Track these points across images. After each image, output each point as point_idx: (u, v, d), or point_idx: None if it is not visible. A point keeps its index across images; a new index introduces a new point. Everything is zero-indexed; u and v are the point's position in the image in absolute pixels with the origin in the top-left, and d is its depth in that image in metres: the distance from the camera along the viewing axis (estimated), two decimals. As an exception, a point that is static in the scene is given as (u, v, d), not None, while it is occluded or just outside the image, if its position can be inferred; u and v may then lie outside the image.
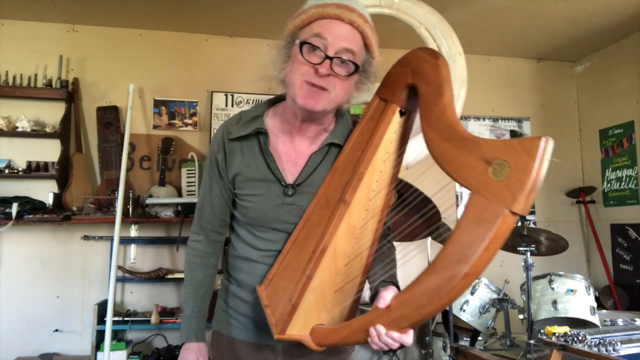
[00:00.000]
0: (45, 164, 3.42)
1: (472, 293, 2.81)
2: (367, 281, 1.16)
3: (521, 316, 2.66)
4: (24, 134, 3.36)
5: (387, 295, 0.96)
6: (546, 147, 0.76)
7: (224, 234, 1.32)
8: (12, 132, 3.34)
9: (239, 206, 1.22)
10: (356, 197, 1.07)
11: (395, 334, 0.91)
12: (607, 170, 4.06)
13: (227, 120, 1.25)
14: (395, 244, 1.31)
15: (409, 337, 0.92)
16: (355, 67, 1.09)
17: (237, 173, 1.19)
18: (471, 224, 0.81)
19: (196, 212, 1.30)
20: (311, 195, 1.16)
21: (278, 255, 1.17)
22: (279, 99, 1.24)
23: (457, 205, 4.05)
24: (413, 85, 1.04)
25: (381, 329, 0.92)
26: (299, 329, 1.06)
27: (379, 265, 1.15)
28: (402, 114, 1.10)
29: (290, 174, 1.18)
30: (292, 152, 1.20)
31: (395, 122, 1.09)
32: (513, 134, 4.25)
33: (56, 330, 3.33)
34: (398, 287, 1.08)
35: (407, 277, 1.20)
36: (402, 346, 0.94)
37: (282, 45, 1.14)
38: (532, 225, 3.41)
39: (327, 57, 1.05)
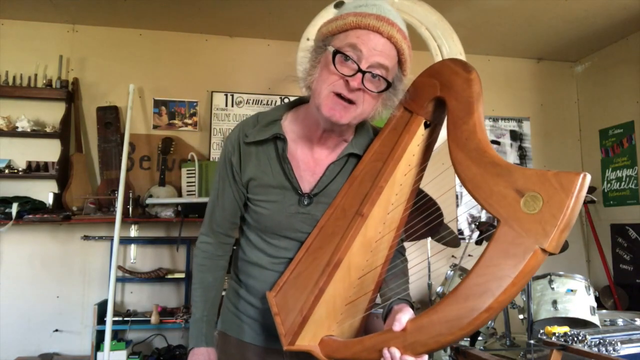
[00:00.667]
0: (45, 164, 3.41)
1: (472, 293, 2.80)
2: (379, 295, 1.15)
3: (521, 316, 2.65)
4: (24, 134, 3.36)
5: (403, 318, 0.92)
6: (583, 184, 0.73)
7: (234, 236, 1.29)
8: (12, 132, 3.33)
9: (252, 211, 1.19)
10: (374, 211, 1.04)
11: (410, 359, 0.89)
12: (607, 170, 4.06)
13: (242, 121, 1.21)
14: None
15: None
16: (387, 85, 1.04)
17: (252, 178, 1.16)
18: (498, 257, 0.78)
19: (207, 214, 1.26)
20: (327, 205, 1.14)
21: (288, 263, 1.15)
22: (299, 102, 1.21)
23: (457, 205, 4.05)
24: (441, 99, 1.00)
25: (396, 352, 0.89)
26: (308, 339, 1.04)
27: (393, 281, 1.14)
28: (426, 126, 1.07)
29: (307, 183, 1.15)
30: (311, 161, 1.16)
31: (420, 134, 1.06)
32: (513, 134, 4.25)
33: (56, 330, 3.33)
34: (412, 306, 1.07)
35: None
36: None
37: (313, 48, 1.08)
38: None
39: (359, 70, 1.00)
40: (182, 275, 3.43)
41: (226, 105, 3.76)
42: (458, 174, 0.89)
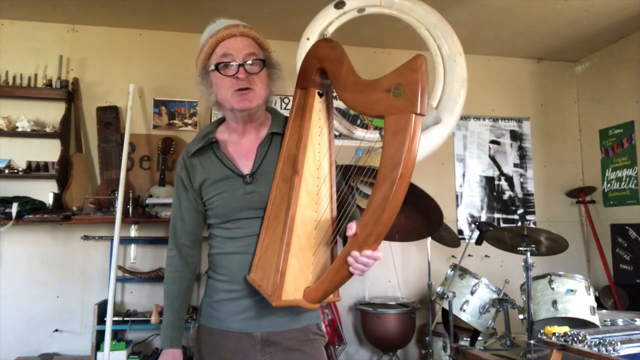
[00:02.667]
0: (45, 164, 3.41)
1: (472, 293, 2.81)
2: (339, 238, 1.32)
3: (521, 316, 2.66)
4: (24, 134, 3.36)
5: (353, 225, 1.11)
6: (423, 61, 0.98)
7: (197, 249, 1.47)
8: (12, 132, 3.33)
9: (210, 210, 1.39)
10: (306, 168, 1.28)
11: (368, 252, 1.08)
12: (607, 170, 4.06)
13: (186, 146, 1.46)
14: (396, 243, 1.36)
15: (379, 252, 1.10)
16: (262, 62, 1.34)
17: (202, 182, 1.38)
18: (391, 138, 1.00)
19: (170, 230, 1.46)
20: (267, 180, 1.35)
21: (254, 241, 1.32)
22: (223, 119, 1.47)
23: (457, 205, 4.06)
24: (322, 68, 1.30)
25: (355, 253, 1.08)
26: (292, 294, 1.20)
27: (341, 214, 1.33)
28: (320, 95, 1.36)
29: (245, 167, 1.38)
30: (242, 150, 1.41)
31: (318, 101, 1.35)
32: (513, 134, 4.26)
33: (56, 330, 3.33)
34: None
35: (407, 278, 1.20)
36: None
37: (200, 80, 1.37)
38: (532, 225, 3.39)
39: (239, 65, 1.30)
40: (182, 275, 3.43)
41: (226, 105, 3.75)
42: (349, 106, 1.17)
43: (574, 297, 2.60)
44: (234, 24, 1.36)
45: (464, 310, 2.79)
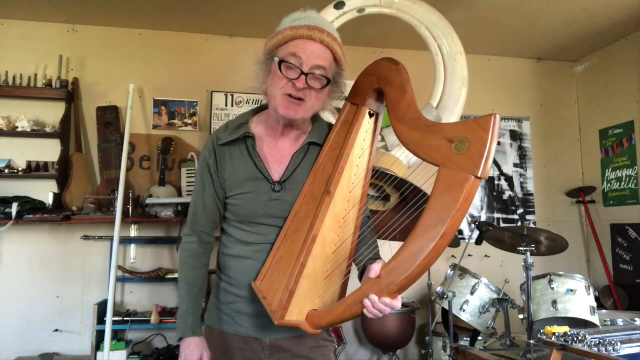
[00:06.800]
0: (45, 164, 3.41)
1: (472, 293, 2.81)
2: (354, 264, 1.26)
3: (521, 316, 2.66)
4: (24, 134, 3.36)
5: (377, 267, 1.05)
6: (495, 122, 0.90)
7: (214, 235, 1.40)
8: (12, 132, 3.33)
9: (230, 206, 1.32)
10: (339, 189, 1.20)
11: (387, 300, 1.02)
12: (607, 170, 4.06)
13: (215, 130, 1.38)
14: (396, 243, 1.33)
15: (398, 302, 1.04)
16: (328, 81, 1.24)
17: (228, 175, 1.31)
18: (442, 193, 0.93)
19: (189, 215, 1.38)
20: (296, 191, 1.28)
21: (267, 249, 1.27)
22: (261, 108, 1.39)
23: (457, 205, 4.05)
24: (379, 90, 1.21)
25: (374, 297, 1.02)
26: (296, 315, 1.15)
27: (364, 248, 1.27)
28: (370, 115, 1.27)
29: (276, 172, 1.30)
30: (277, 153, 1.33)
31: (366, 122, 1.26)
32: (513, 134, 4.25)
33: (56, 330, 3.33)
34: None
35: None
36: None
37: (263, 61, 1.28)
38: (532, 225, 3.39)
39: (302, 73, 1.20)
40: (182, 275, 3.43)
41: (226, 105, 3.76)
42: (402, 141, 1.07)
43: (574, 297, 2.60)
44: (320, 28, 1.24)
45: (464, 310, 2.79)
